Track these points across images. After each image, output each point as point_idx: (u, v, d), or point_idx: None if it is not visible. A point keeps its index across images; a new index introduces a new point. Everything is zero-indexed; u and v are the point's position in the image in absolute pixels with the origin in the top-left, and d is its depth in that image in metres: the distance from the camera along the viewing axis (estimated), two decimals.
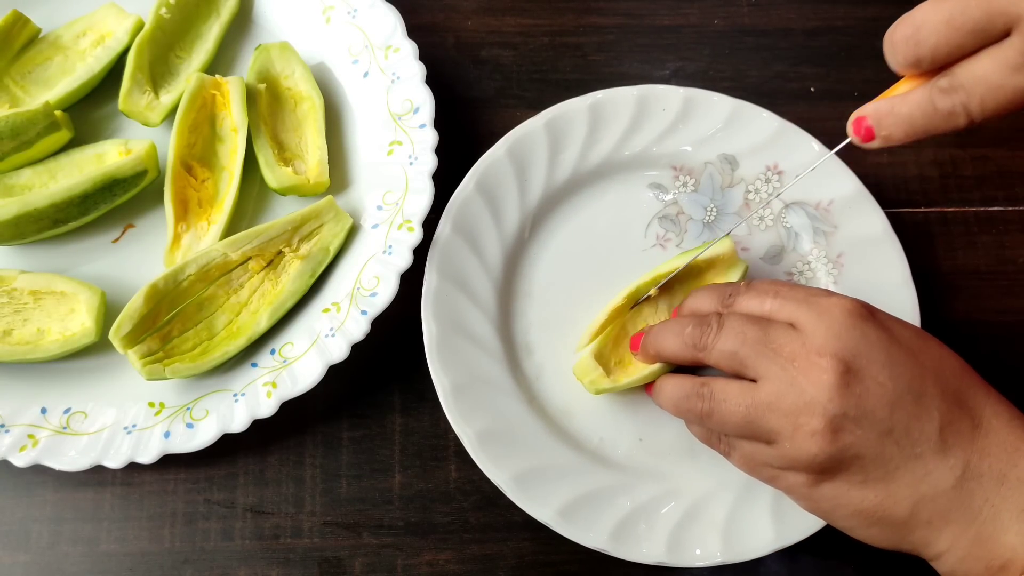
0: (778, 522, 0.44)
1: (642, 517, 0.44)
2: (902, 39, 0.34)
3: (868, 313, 0.38)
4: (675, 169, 0.52)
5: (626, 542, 0.43)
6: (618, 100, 0.51)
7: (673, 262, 0.47)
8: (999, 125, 0.56)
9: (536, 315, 0.49)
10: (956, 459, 0.35)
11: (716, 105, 0.51)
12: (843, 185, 0.50)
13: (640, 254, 0.51)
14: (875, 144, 0.36)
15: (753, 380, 0.39)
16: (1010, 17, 0.31)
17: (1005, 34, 0.32)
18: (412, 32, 0.52)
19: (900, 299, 0.48)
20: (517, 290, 0.50)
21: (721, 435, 0.42)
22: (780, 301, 0.40)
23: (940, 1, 0.33)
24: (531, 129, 0.50)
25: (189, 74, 0.52)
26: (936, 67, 0.34)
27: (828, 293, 0.39)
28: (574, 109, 0.51)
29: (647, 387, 0.46)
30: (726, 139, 0.51)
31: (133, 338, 0.45)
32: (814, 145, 0.50)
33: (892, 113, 0.35)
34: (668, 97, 0.51)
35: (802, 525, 0.44)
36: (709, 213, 0.52)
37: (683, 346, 0.41)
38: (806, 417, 0.36)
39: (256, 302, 0.48)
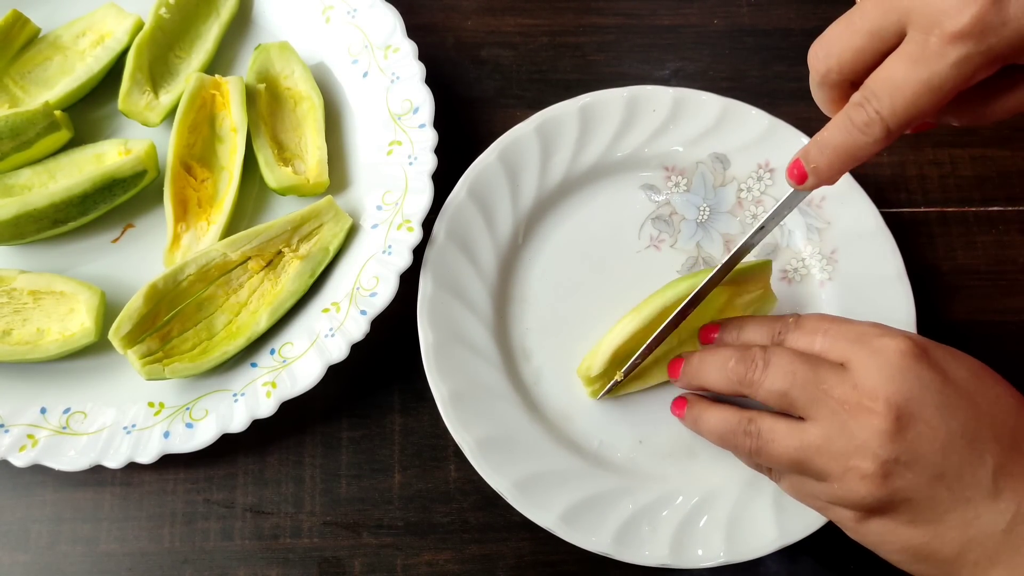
0: (780, 520, 0.44)
1: (644, 519, 0.44)
2: (813, 54, 0.35)
3: (922, 353, 0.37)
4: (667, 169, 0.52)
5: (629, 545, 0.43)
6: (608, 102, 0.51)
7: (697, 277, 0.45)
8: (999, 125, 0.56)
9: (532, 320, 0.49)
10: (1008, 503, 0.35)
11: (706, 104, 0.51)
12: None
13: (634, 256, 0.51)
14: (809, 183, 0.36)
15: (801, 418, 0.38)
16: (901, 11, 0.31)
17: (902, 33, 0.32)
18: (412, 32, 0.52)
19: (894, 293, 0.48)
20: (512, 296, 0.50)
21: (771, 473, 0.41)
22: (831, 340, 0.39)
23: (845, 15, 0.34)
24: (522, 133, 0.50)
25: (189, 74, 0.52)
26: (846, 80, 0.34)
27: (881, 331, 0.38)
28: (564, 112, 0.51)
29: (673, 407, 0.45)
30: (717, 138, 0.51)
31: (133, 338, 0.45)
32: (804, 141, 0.50)
33: (817, 143, 0.35)
34: (658, 98, 0.51)
35: (804, 523, 0.44)
36: (702, 213, 0.52)
37: (727, 381, 0.40)
38: (857, 460, 0.36)
39: (255, 302, 0.48)
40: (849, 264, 0.49)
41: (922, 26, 0.31)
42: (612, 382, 0.46)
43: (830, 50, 0.34)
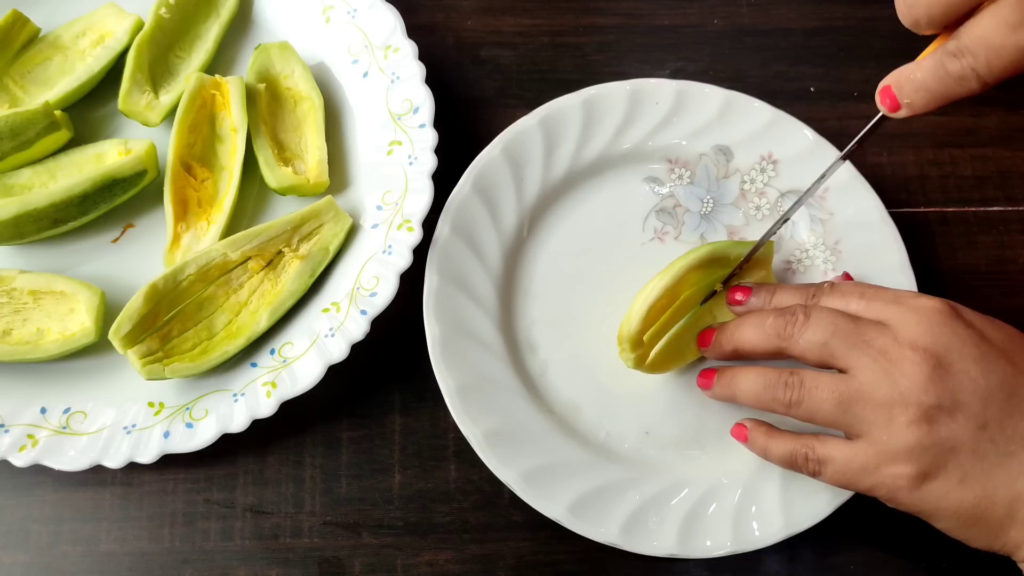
0: (786, 510, 0.44)
1: (652, 510, 0.44)
2: (901, 3, 0.34)
3: (956, 314, 0.38)
4: (670, 162, 0.52)
5: (637, 536, 0.43)
6: (611, 95, 0.51)
7: (718, 245, 0.46)
8: (999, 125, 0.56)
9: (538, 312, 0.49)
10: None
11: (708, 97, 0.51)
12: (838, 172, 0.49)
13: (639, 248, 0.51)
14: (902, 113, 0.36)
15: (841, 371, 0.39)
16: None
17: None
18: (412, 32, 0.52)
19: (898, 284, 0.48)
20: (518, 288, 0.50)
21: (808, 456, 0.41)
22: (866, 302, 0.40)
23: None
24: (525, 127, 0.50)
25: (189, 74, 0.52)
26: (937, 29, 0.34)
27: (916, 295, 0.40)
28: (568, 106, 0.51)
29: (699, 378, 0.46)
30: (719, 130, 0.52)
31: (133, 338, 0.45)
32: (807, 133, 0.50)
33: (910, 80, 0.35)
34: (660, 91, 0.51)
35: (810, 512, 0.44)
36: (706, 205, 0.52)
37: (766, 336, 0.41)
38: (900, 408, 0.36)
39: (256, 302, 0.48)
40: (853, 255, 0.50)
41: None
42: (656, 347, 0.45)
43: (918, 0, 0.33)
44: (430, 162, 0.48)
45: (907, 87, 0.35)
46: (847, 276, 0.47)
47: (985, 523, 0.36)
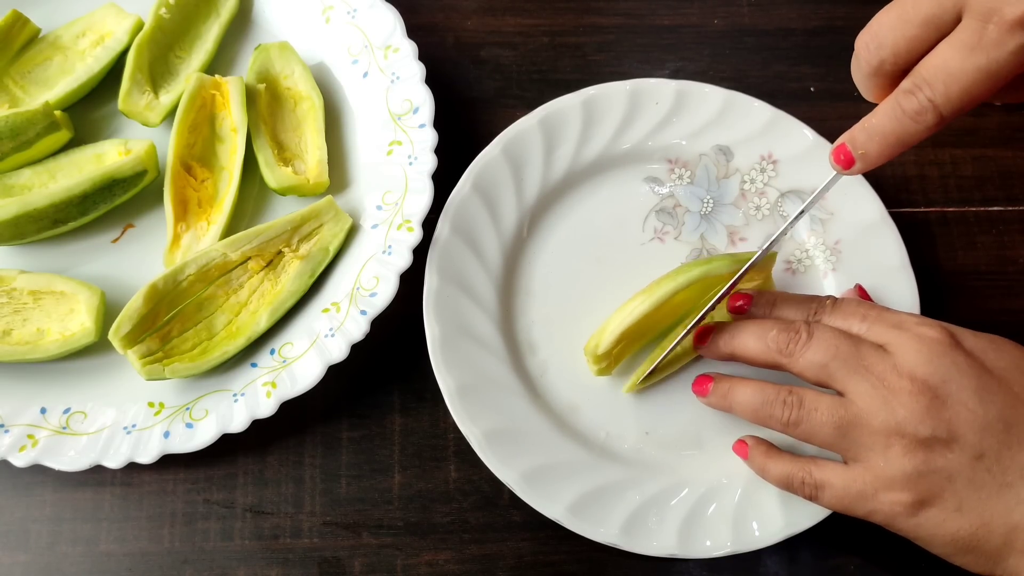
0: (787, 510, 0.44)
1: (652, 510, 0.44)
2: (863, 45, 0.34)
3: (957, 343, 0.38)
4: (670, 162, 0.52)
5: (637, 536, 0.43)
6: (611, 95, 0.51)
7: (711, 263, 0.45)
8: (999, 125, 0.56)
9: (538, 313, 0.49)
10: None
11: (708, 97, 0.51)
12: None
13: (638, 248, 0.51)
14: (856, 168, 0.36)
15: (839, 394, 0.39)
16: (958, 0, 0.31)
17: (958, 19, 0.32)
18: (412, 32, 0.52)
19: (898, 283, 0.48)
20: (518, 288, 0.50)
21: (805, 480, 0.41)
22: (868, 324, 0.40)
23: (894, 2, 0.34)
24: (525, 127, 0.50)
25: (189, 74, 0.52)
26: (899, 70, 0.34)
27: (920, 320, 0.39)
28: (567, 105, 0.51)
29: (694, 385, 0.46)
30: (719, 130, 0.52)
31: (133, 338, 0.45)
32: (807, 133, 0.50)
33: (864, 129, 0.35)
34: (660, 90, 0.51)
35: (810, 512, 0.44)
36: (706, 205, 0.52)
37: (766, 350, 0.41)
38: (897, 437, 0.37)
39: (256, 302, 0.48)
40: (853, 255, 0.50)
41: (980, 13, 0.31)
42: (645, 374, 0.46)
43: (883, 41, 0.34)
44: (430, 162, 0.48)
45: (860, 137, 0.35)
46: (860, 289, 0.47)
47: (981, 551, 0.37)
